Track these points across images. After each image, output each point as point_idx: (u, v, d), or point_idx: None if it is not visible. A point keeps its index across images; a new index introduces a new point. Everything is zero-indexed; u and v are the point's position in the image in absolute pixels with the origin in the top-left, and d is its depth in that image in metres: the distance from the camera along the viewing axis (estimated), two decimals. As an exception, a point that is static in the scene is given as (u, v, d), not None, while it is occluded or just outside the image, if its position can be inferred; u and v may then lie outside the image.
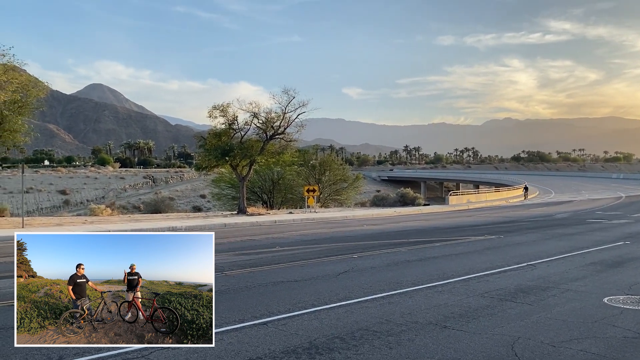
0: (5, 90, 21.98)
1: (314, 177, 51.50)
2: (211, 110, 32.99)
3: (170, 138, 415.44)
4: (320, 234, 20.77)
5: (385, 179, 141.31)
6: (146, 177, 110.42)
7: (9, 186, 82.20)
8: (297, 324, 7.27)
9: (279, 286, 9.93)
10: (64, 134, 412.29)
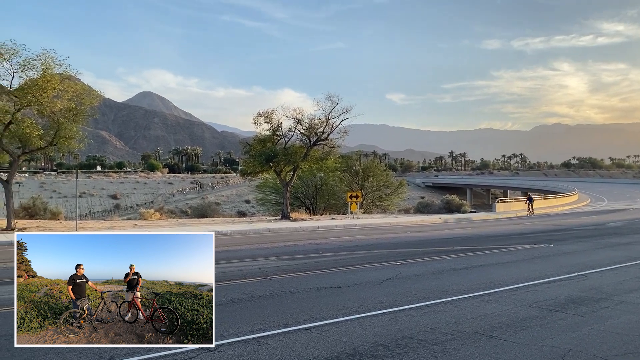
0: (62, 98, 22.98)
1: (357, 183, 51.37)
2: (256, 117, 33.49)
3: (216, 144, 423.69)
4: (363, 241, 20.69)
5: (430, 185, 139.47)
6: (193, 183, 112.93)
7: (63, 191, 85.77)
8: (340, 331, 7.27)
9: (322, 292, 9.96)
10: (116, 140, 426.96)
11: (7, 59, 21.70)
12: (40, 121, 23.96)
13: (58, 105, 22.63)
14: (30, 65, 22.17)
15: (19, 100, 22.12)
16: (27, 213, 31.16)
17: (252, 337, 6.85)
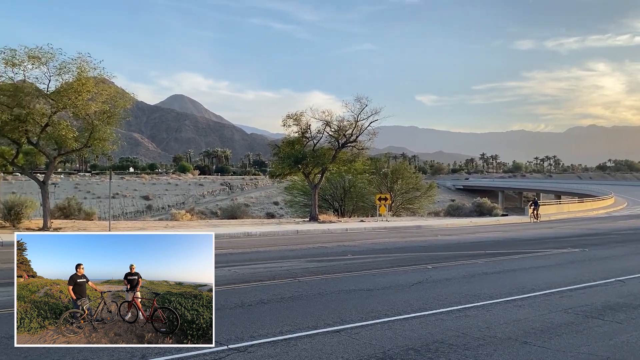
0: (96, 101, 23.52)
1: (386, 186, 51.08)
2: (285, 119, 33.66)
3: (245, 146, 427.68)
4: (392, 243, 20.53)
5: (461, 188, 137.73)
6: (223, 184, 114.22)
7: (97, 191, 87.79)
8: (370, 334, 7.21)
9: (351, 294, 9.90)
10: (148, 142, 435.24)
11: (45, 63, 22.32)
12: (75, 123, 24.56)
13: (92, 107, 23.15)
14: (66, 69, 22.76)
15: (55, 103, 22.72)
16: (62, 213, 31.95)
17: (281, 339, 6.85)
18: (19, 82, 22.70)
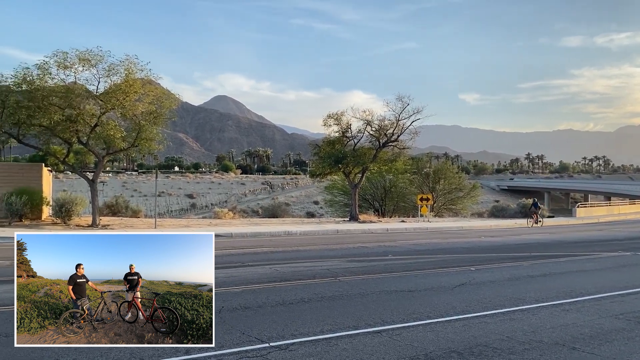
0: (143, 102, 24.18)
1: (428, 186, 50.46)
2: (326, 118, 33.71)
3: (286, 146, 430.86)
4: (434, 244, 20.27)
5: (505, 188, 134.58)
6: (264, 183, 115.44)
7: (143, 190, 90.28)
8: (411, 335, 7.13)
9: (392, 295, 9.82)
10: (192, 142, 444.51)
11: (94, 65, 23.10)
12: (123, 124, 25.31)
13: (139, 108, 23.80)
14: (115, 71, 23.48)
15: (104, 104, 23.48)
16: (110, 211, 33.02)
17: (322, 338, 6.86)
18: (70, 84, 23.57)
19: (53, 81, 22.92)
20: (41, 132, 23.90)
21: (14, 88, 22.30)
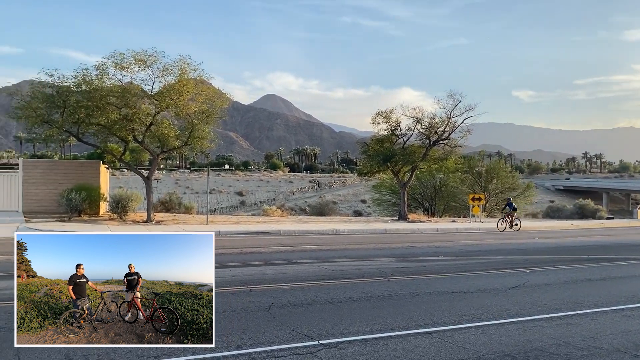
0: (196, 101, 24.72)
1: (480, 185, 49.31)
2: (374, 116, 33.44)
3: (334, 144, 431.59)
4: (486, 245, 19.78)
5: (561, 188, 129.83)
6: (312, 182, 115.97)
7: (195, 187, 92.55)
8: (463, 337, 6.97)
9: (443, 296, 9.64)
10: (242, 140, 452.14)
11: (149, 65, 23.79)
12: (176, 123, 25.96)
13: (192, 107, 24.35)
14: (169, 71, 24.11)
15: (158, 103, 24.15)
16: (164, 207, 33.99)
17: (371, 337, 6.81)
18: (127, 84, 24.36)
19: (110, 81, 23.74)
20: (99, 131, 24.83)
21: (74, 88, 23.25)
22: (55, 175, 25.86)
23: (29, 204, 25.02)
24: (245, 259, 14.25)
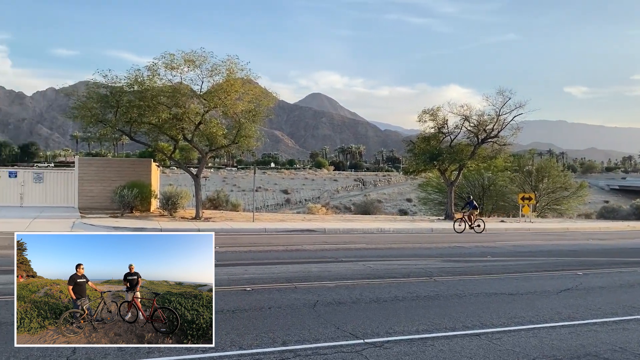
0: (243, 100, 25.10)
1: (530, 184, 47.93)
2: (421, 114, 32.98)
3: (379, 143, 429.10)
4: (536, 246, 19.21)
5: (616, 188, 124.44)
6: (356, 180, 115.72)
7: (242, 185, 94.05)
8: (512, 340, 6.80)
9: (491, 298, 9.44)
10: (287, 139, 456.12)
11: (198, 65, 24.31)
12: (224, 122, 26.43)
13: (240, 107, 24.74)
14: (217, 71, 24.56)
15: (207, 103, 24.65)
16: (212, 204, 34.70)
17: (417, 337, 6.74)
18: (176, 84, 24.98)
19: (161, 81, 24.41)
20: (150, 130, 25.59)
21: (126, 89, 24.03)
22: (109, 173, 26.83)
23: (84, 200, 26.06)
24: (291, 256, 14.37)
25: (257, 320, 7.29)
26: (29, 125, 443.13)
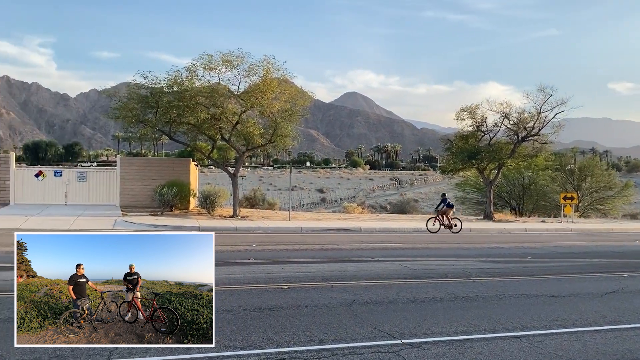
0: (279, 100, 25.27)
1: (572, 184, 46.58)
2: (459, 112, 32.47)
3: (415, 141, 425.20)
4: (579, 247, 18.66)
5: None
6: (392, 179, 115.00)
7: (278, 184, 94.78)
8: (555, 343, 6.62)
9: (532, 299, 9.21)
10: (323, 138, 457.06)
11: (236, 66, 24.61)
12: (260, 121, 26.69)
13: (276, 106, 24.92)
14: (254, 71, 24.81)
15: (244, 103, 24.93)
16: (248, 203, 35.09)
17: (456, 339, 6.64)
18: (214, 84, 25.35)
19: (200, 82, 24.82)
20: (189, 130, 26.06)
21: (166, 89, 24.53)
22: (149, 172, 27.44)
23: (125, 199, 26.75)
24: (327, 255, 14.39)
25: (294, 319, 7.33)
26: (73, 125, 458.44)
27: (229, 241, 16.49)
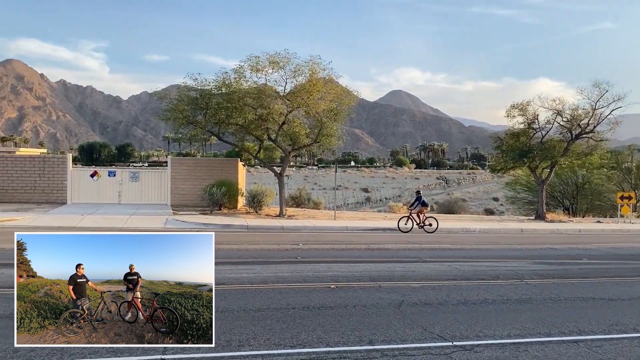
0: (325, 100, 25.33)
1: (630, 183, 44.59)
2: (509, 109, 31.62)
3: (463, 140, 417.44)
4: (637, 249, 17.87)
5: None
6: (439, 178, 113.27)
7: (323, 183, 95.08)
8: (615, 349, 6.36)
9: (589, 303, 8.89)
10: (367, 137, 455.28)
11: (282, 67, 24.83)
12: (306, 121, 26.83)
13: (322, 106, 25.00)
14: (300, 72, 24.96)
15: (290, 103, 25.14)
16: (294, 202, 35.34)
17: (509, 342, 6.49)
18: (261, 85, 25.67)
19: (247, 83, 25.18)
20: (237, 130, 26.48)
21: (215, 91, 25.02)
22: (199, 172, 28.09)
23: (175, 198, 27.47)
24: (373, 255, 14.32)
25: (343, 318, 7.34)
26: (125, 127, 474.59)
27: (276, 240, 16.66)
